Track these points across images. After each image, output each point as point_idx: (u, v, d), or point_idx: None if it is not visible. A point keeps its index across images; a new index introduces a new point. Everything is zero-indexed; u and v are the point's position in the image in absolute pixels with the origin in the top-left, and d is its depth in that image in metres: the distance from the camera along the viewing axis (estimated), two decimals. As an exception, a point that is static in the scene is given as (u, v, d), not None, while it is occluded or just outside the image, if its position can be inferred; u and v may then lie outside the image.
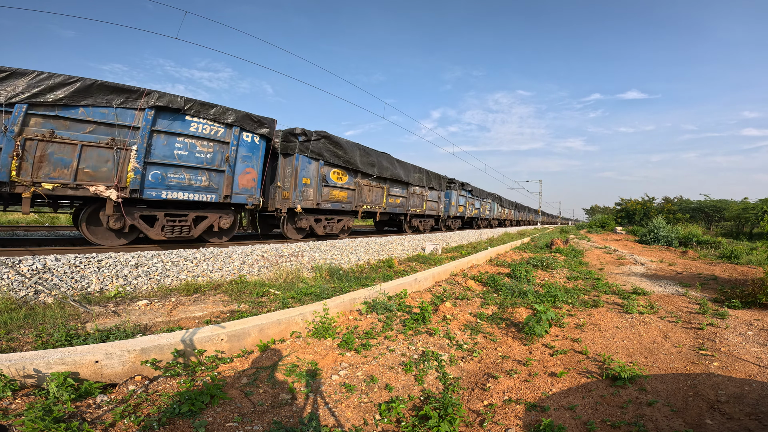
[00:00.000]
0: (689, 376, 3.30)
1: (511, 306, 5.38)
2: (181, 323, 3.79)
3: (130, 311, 4.00)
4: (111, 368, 2.58)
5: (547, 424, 2.44)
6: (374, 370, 3.23)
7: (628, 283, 7.74)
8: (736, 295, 6.16)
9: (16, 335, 3.13)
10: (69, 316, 3.66)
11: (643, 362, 3.61)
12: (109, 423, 2.15)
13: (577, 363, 3.56)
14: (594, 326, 4.64)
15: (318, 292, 5.05)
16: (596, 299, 5.97)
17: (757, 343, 4.08)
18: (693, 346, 4.03)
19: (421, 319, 4.40)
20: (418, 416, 2.57)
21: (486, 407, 2.83)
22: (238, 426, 2.30)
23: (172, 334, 3.02)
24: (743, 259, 11.59)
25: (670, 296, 6.46)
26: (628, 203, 53.59)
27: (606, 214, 58.77)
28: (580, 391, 3.04)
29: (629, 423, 2.55)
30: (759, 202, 28.94)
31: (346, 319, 4.34)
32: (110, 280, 4.73)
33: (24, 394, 2.27)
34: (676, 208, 46.32)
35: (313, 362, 3.22)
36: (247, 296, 4.85)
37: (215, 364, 2.98)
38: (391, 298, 5.12)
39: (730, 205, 37.12)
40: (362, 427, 2.49)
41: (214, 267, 5.86)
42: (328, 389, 2.88)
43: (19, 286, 4.06)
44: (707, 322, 4.81)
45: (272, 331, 3.55)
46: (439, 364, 3.45)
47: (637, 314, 5.14)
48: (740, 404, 2.78)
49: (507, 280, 7.20)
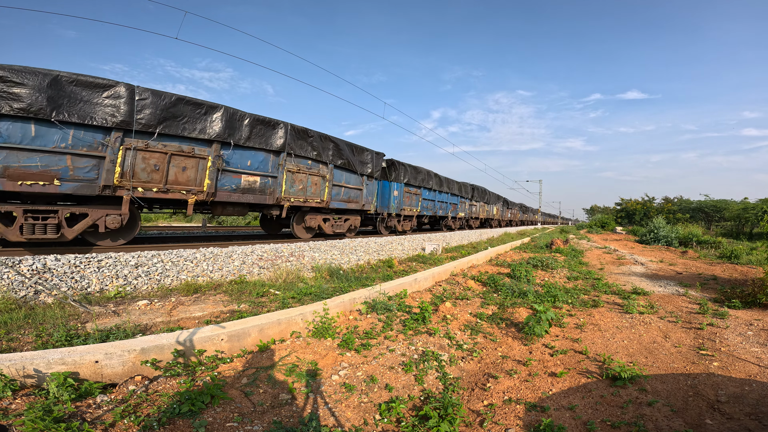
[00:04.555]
0: (689, 376, 3.30)
1: (511, 306, 5.38)
2: (181, 323, 3.79)
3: (130, 311, 4.00)
4: (111, 368, 2.58)
5: (547, 424, 2.44)
6: (374, 370, 3.23)
7: (628, 283, 7.74)
8: (736, 295, 6.16)
9: (16, 335, 3.13)
10: (69, 316, 3.66)
11: (643, 362, 3.61)
12: (109, 423, 2.15)
13: (577, 363, 3.56)
14: (594, 326, 4.64)
15: (318, 292, 5.05)
16: (596, 299, 5.97)
17: (757, 343, 4.08)
18: (693, 346, 4.03)
19: (421, 319, 4.40)
20: (418, 416, 2.57)
21: (486, 407, 2.83)
22: (238, 426, 2.30)
23: (172, 334, 3.02)
24: (743, 259, 11.59)
25: (670, 296, 6.46)
26: (628, 203, 53.54)
27: (606, 214, 58.69)
28: (580, 391, 3.04)
29: (629, 423, 2.55)
30: (759, 202, 28.90)
31: (346, 319, 4.34)
32: (110, 280, 4.73)
33: (24, 394, 2.27)
34: (676, 208, 46.28)
35: (313, 362, 3.22)
36: (247, 296, 4.85)
37: (215, 364, 2.97)
38: (391, 298, 5.12)
39: (730, 205, 37.08)
40: (362, 427, 2.49)
41: (214, 267, 5.86)
42: (328, 389, 2.87)
43: (19, 286, 4.06)
44: (707, 322, 4.81)
45: (272, 331, 3.55)
46: (439, 364, 3.45)
47: (637, 314, 5.14)
48: (740, 404, 2.78)
49: (507, 280, 7.20)
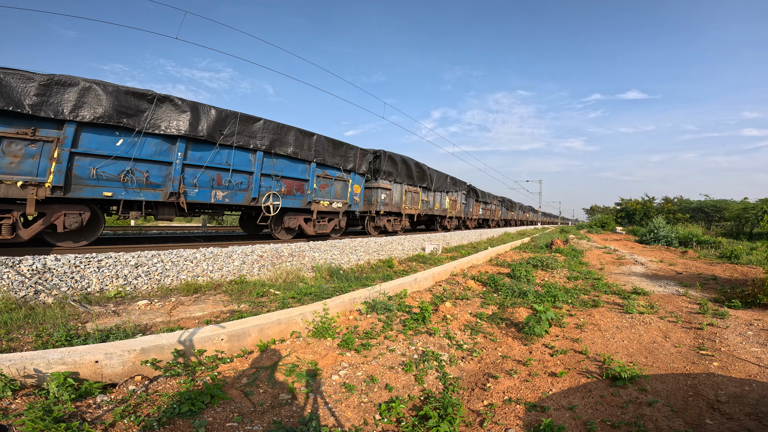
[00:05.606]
0: (689, 376, 3.30)
1: (511, 306, 5.38)
2: (181, 323, 3.79)
3: (130, 311, 4.00)
4: (111, 368, 2.58)
5: (547, 424, 2.44)
6: (374, 370, 3.23)
7: (628, 283, 7.74)
8: (736, 295, 6.16)
9: (16, 335, 3.13)
10: (69, 316, 3.66)
11: (643, 362, 3.61)
12: (109, 423, 2.15)
13: (577, 363, 3.56)
14: (594, 326, 4.63)
15: (318, 292, 5.05)
16: (596, 299, 5.97)
17: (757, 343, 4.07)
18: (693, 346, 4.03)
19: (421, 319, 4.40)
20: (418, 416, 2.57)
21: (486, 407, 2.83)
22: (238, 426, 2.30)
23: (172, 334, 3.02)
24: (743, 259, 11.59)
25: (670, 296, 6.46)
26: (628, 203, 53.54)
27: (606, 214, 58.67)
28: (580, 391, 3.04)
29: (629, 423, 2.55)
30: (759, 202, 28.90)
31: (346, 319, 4.34)
32: (110, 280, 4.73)
33: (24, 394, 2.27)
34: (676, 208, 46.27)
35: (313, 362, 3.22)
36: (247, 296, 4.85)
37: (215, 364, 2.98)
38: (391, 298, 5.12)
39: (730, 205, 37.06)
40: (362, 427, 2.49)
41: (214, 267, 5.86)
42: (328, 389, 2.87)
43: (19, 286, 4.06)
44: (707, 322, 4.81)
45: (272, 331, 3.55)
46: (439, 364, 3.45)
47: (637, 314, 5.13)
48: (740, 404, 2.77)
49: (507, 280, 7.20)
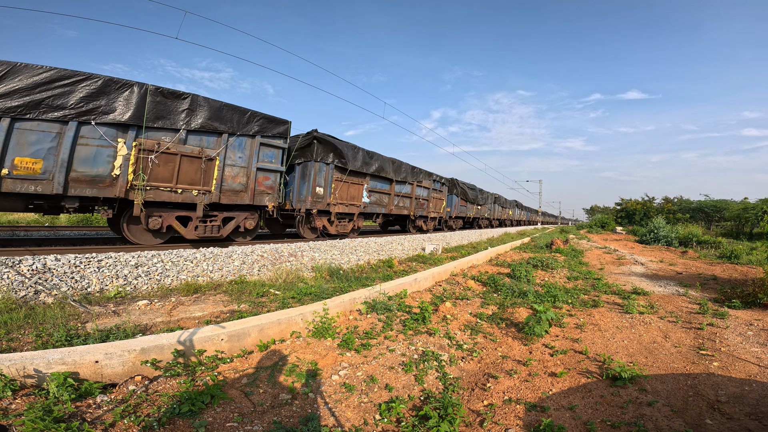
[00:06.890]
0: (689, 376, 3.30)
1: (511, 306, 5.38)
2: (181, 323, 3.79)
3: (130, 311, 4.00)
4: (111, 368, 2.58)
5: (547, 424, 2.44)
6: (374, 370, 3.23)
7: (628, 283, 7.74)
8: (736, 295, 6.16)
9: (16, 335, 3.13)
10: (69, 316, 3.65)
11: (643, 362, 3.61)
12: (109, 423, 2.15)
13: (577, 363, 3.56)
14: (594, 326, 4.64)
15: (318, 292, 5.05)
16: (596, 299, 5.97)
17: (757, 343, 4.08)
18: (693, 346, 4.03)
19: (421, 319, 4.40)
20: (418, 416, 2.57)
21: (486, 407, 2.83)
22: (238, 426, 2.30)
23: (172, 334, 3.02)
24: (743, 259, 11.59)
25: (670, 296, 6.46)
26: (628, 203, 53.57)
27: (606, 214, 58.71)
28: (580, 391, 3.04)
29: (629, 423, 2.55)
30: (759, 202, 28.93)
31: (346, 319, 4.33)
32: (110, 280, 4.73)
33: (24, 394, 2.27)
34: (676, 208, 46.30)
35: (313, 362, 3.22)
36: (247, 296, 4.85)
37: (215, 364, 2.97)
38: (391, 298, 5.12)
39: (730, 205, 37.09)
40: (362, 427, 2.49)
41: (214, 267, 5.86)
42: (328, 389, 2.87)
43: (19, 286, 4.06)
44: (707, 322, 4.81)
45: (272, 331, 3.55)
46: (439, 364, 3.45)
47: (637, 314, 5.13)
48: (740, 404, 2.77)
49: (507, 280, 7.20)
